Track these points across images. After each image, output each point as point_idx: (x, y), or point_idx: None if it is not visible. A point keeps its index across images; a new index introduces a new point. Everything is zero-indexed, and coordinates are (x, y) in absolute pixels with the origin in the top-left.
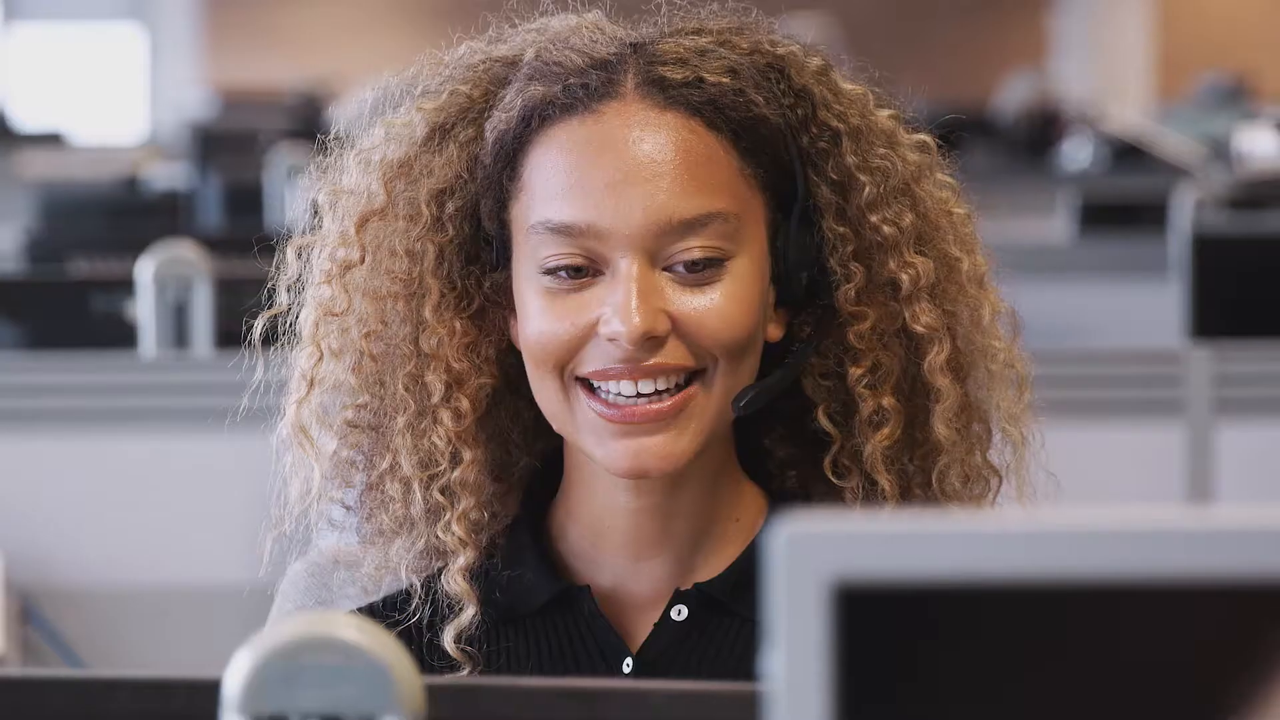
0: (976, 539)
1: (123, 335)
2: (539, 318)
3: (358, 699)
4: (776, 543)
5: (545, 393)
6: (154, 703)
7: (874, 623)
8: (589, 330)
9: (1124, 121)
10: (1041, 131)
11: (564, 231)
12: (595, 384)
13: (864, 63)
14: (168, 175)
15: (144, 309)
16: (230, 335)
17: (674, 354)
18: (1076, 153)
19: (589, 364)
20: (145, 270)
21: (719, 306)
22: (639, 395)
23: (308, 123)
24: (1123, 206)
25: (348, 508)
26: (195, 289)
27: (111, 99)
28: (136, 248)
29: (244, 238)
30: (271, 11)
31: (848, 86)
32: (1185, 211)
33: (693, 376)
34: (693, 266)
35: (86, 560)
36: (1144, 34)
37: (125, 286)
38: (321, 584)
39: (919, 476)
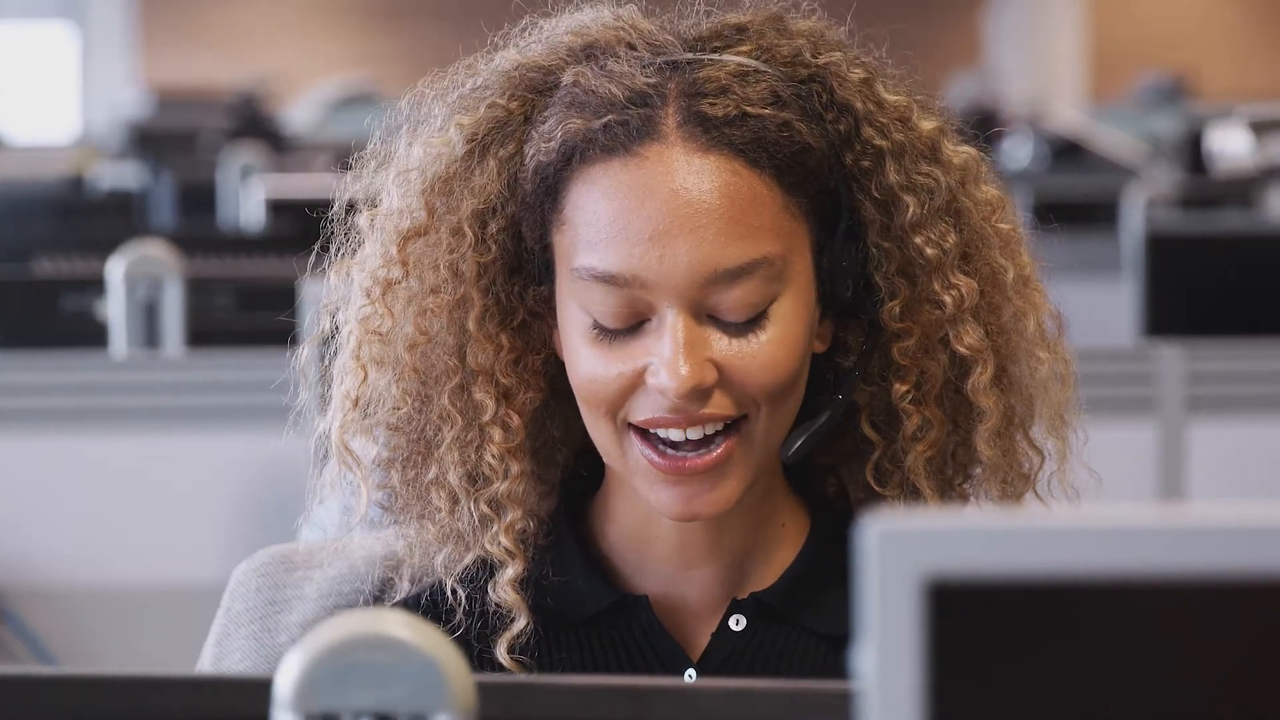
0: (1069, 535)
1: (93, 335)
2: (588, 363)
3: (410, 697)
4: (868, 540)
5: (598, 433)
6: (205, 702)
7: (966, 619)
8: (637, 378)
9: (1061, 121)
10: (980, 130)
11: (608, 280)
12: (647, 429)
13: (909, 56)
14: (112, 174)
15: (115, 308)
16: (201, 334)
17: (719, 404)
18: (1016, 151)
19: (640, 413)
20: (116, 269)
21: (764, 353)
22: (686, 441)
23: (248, 122)
24: (1068, 205)
25: (384, 508)
26: (166, 288)
27: (43, 98)
28: (95, 247)
29: (201, 236)
30: (206, 10)
31: (891, 98)
32: (1137, 211)
33: (738, 420)
34: (737, 322)
35: (59, 559)
36: (1077, 34)
37: (95, 286)
38: (273, 584)
39: (959, 478)
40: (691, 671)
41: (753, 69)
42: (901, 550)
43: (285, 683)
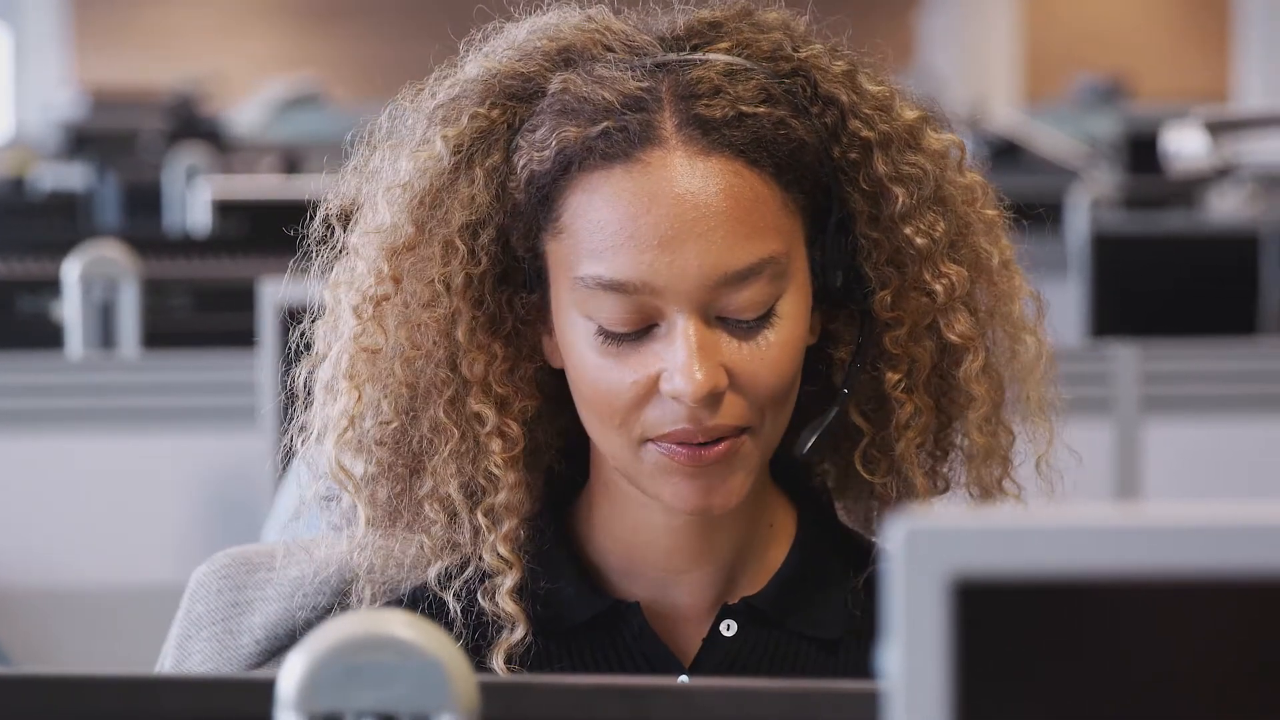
0: (1097, 534)
1: (49, 336)
2: (599, 372)
3: (413, 697)
4: (895, 539)
5: (609, 442)
6: (208, 702)
7: (993, 618)
8: (651, 386)
9: (999, 122)
10: None
11: (616, 288)
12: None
13: (878, 41)
14: (52, 176)
15: (70, 309)
16: (156, 335)
17: (729, 412)
18: None
19: (656, 428)
20: (71, 271)
21: (771, 355)
22: (701, 444)
23: (185, 123)
24: (1008, 206)
25: (371, 523)
26: (121, 289)
27: None
28: (45, 249)
29: (152, 238)
30: (139, 12)
31: (873, 89)
32: (1082, 211)
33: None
34: (747, 321)
35: (14, 560)
36: (1011, 36)
37: (50, 287)
38: (234, 586)
39: (942, 463)
40: (684, 678)
41: (741, 67)
42: (928, 549)
43: (288, 683)
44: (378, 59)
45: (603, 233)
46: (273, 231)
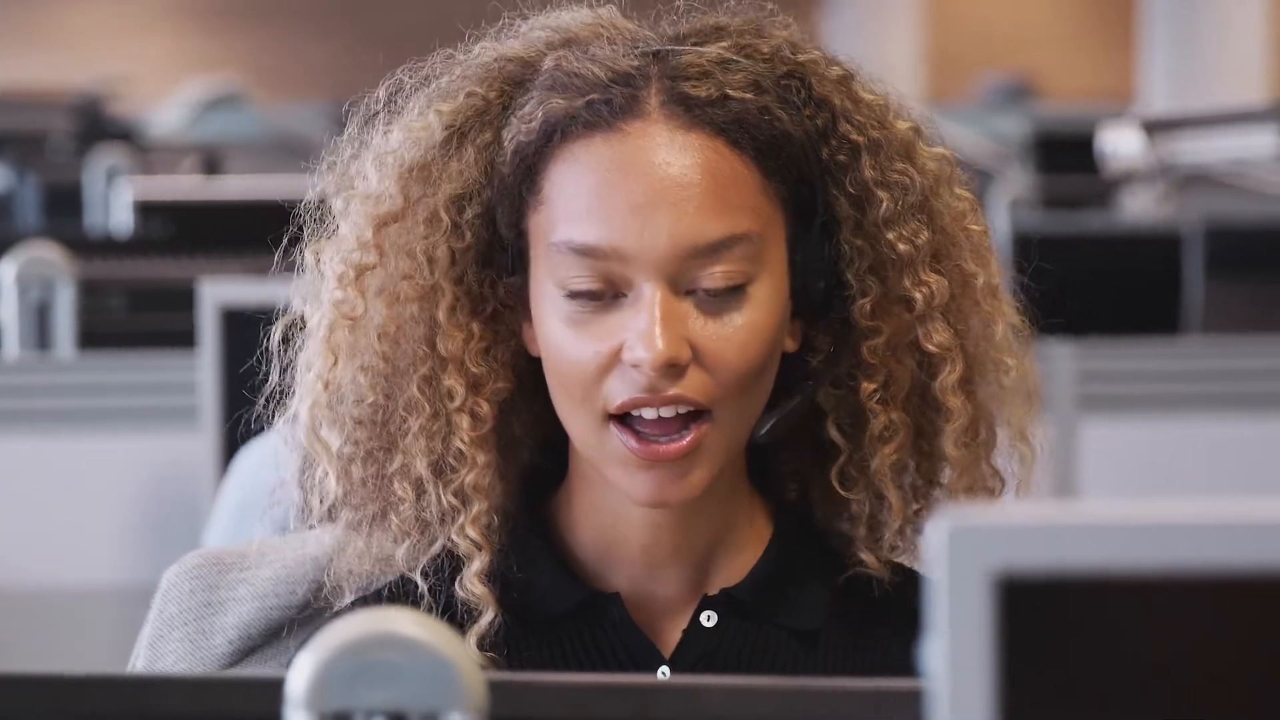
0: (1140, 531)
1: None
2: (565, 344)
3: (423, 695)
4: (938, 536)
5: (576, 422)
6: (217, 702)
7: (1036, 615)
8: (614, 357)
9: None
10: None
11: (587, 253)
12: (624, 414)
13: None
14: None
15: (6, 311)
16: (91, 337)
17: (691, 385)
18: None
19: (616, 397)
20: (7, 272)
21: (738, 337)
22: (660, 419)
23: (93, 123)
24: None
25: (344, 505)
26: (58, 290)
27: None
28: None
29: (77, 238)
30: (42, 13)
31: (868, 96)
32: (1001, 211)
33: (705, 411)
34: (715, 292)
35: None
36: (914, 35)
37: None
38: (206, 586)
39: (924, 487)
40: (665, 669)
41: (733, 59)
42: (972, 547)
43: (298, 682)
44: (286, 61)
45: (579, 198)
46: (198, 232)
